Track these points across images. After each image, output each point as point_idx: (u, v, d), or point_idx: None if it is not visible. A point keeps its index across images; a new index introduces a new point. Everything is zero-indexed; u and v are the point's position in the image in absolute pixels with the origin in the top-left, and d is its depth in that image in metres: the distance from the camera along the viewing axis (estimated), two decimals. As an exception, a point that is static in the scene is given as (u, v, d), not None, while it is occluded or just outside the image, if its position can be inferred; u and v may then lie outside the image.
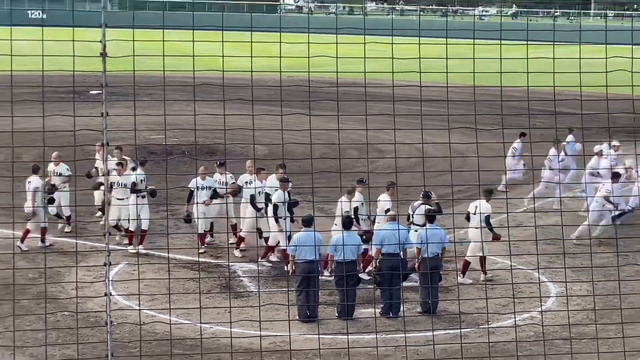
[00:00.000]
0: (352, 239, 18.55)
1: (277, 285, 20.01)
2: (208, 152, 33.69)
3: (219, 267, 21.38)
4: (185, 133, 31.37)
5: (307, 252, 18.16)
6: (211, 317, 17.33)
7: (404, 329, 16.56)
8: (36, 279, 19.75)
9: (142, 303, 18.19)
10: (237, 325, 16.19)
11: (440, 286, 19.23)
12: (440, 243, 18.89)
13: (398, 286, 18.37)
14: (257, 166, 22.61)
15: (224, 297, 19.09)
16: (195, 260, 21.18)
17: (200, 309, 15.69)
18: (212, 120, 16.10)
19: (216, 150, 33.25)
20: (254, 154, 27.90)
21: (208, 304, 18.19)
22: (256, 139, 27.61)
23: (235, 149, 33.19)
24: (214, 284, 20.37)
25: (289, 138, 25.43)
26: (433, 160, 27.18)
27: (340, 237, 18.35)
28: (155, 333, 16.74)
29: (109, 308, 11.49)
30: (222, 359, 15.94)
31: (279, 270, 21.10)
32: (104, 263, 11.89)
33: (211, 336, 16.78)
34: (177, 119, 15.18)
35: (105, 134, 10.79)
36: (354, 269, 18.49)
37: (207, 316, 17.17)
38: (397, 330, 17.09)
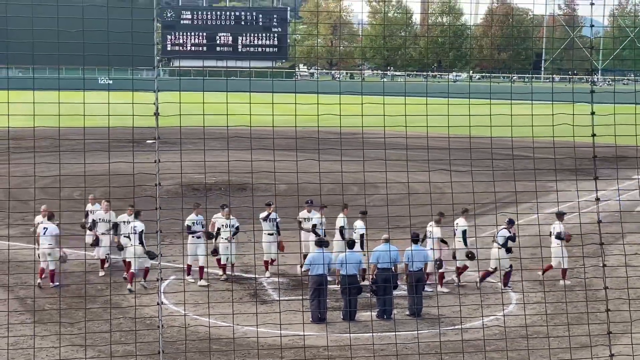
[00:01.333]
0: (354, 257, 18.50)
1: (294, 294, 19.93)
2: (239, 189, 33.72)
3: (249, 280, 21.33)
4: (221, 173, 31.40)
5: (318, 268, 18.16)
6: (242, 320, 17.25)
7: (395, 329, 16.52)
8: (103, 290, 19.73)
9: (187, 309, 18.18)
10: (262, 326, 16.16)
11: (424, 294, 19.14)
12: (423, 260, 18.89)
13: (390, 294, 18.34)
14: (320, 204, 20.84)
15: (253, 303, 19.03)
16: (229, 274, 21.25)
17: (232, 314, 15.65)
18: (242, 164, 16.13)
19: (246, 187, 33.27)
20: (275, 190, 27.83)
21: (240, 309, 18.13)
22: (277, 178, 27.61)
23: (261, 186, 33.20)
24: (244, 293, 20.31)
25: (303, 177, 25.44)
26: (417, 194, 27.17)
27: (345, 255, 18.34)
28: (197, 333, 16.69)
29: (161, 314, 11.45)
30: (250, 353, 15.86)
31: (296, 282, 21.03)
32: (156, 278, 11.86)
33: (242, 335, 16.71)
34: (214, 162, 15.20)
35: (158, 176, 10.80)
36: (355, 281, 18.42)
37: (238, 319, 17.11)
38: (389, 329, 17.02)
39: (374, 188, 32.57)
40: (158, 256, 11.27)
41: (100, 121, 14.41)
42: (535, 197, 25.99)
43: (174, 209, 21.33)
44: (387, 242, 18.71)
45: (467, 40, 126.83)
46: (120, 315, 18.10)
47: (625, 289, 18.96)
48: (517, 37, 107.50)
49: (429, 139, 13.43)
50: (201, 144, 13.94)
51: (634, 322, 16.49)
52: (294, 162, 13.85)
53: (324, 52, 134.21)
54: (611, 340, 12.53)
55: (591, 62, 40.83)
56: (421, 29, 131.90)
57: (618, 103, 13.36)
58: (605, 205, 28.62)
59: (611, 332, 12.20)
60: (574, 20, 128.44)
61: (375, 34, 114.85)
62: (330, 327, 17.47)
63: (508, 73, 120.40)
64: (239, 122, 14.77)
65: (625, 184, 33.37)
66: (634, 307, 18.03)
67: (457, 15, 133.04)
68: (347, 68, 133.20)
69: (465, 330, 16.86)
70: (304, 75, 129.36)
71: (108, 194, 22.64)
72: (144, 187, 23.41)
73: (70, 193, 30.92)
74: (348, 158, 30.24)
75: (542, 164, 28.25)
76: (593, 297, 18.82)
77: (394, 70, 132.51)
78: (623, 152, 35.50)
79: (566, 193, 25.52)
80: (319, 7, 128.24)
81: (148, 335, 16.18)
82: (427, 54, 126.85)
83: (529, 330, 16.44)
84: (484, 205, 28.75)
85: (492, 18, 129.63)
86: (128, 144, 34.50)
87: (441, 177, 16.82)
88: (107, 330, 16.18)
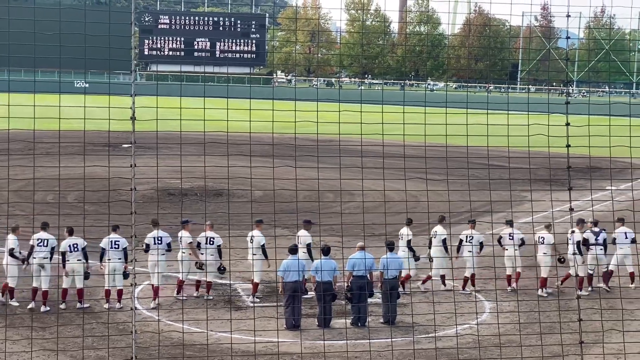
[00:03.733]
0: (328, 264, 18.49)
1: (269, 301, 19.88)
2: (216, 194, 33.63)
3: (223, 286, 21.24)
4: (197, 179, 31.31)
5: (293, 275, 18.13)
6: (216, 326, 17.19)
7: (369, 337, 16.53)
8: (75, 295, 19.53)
9: (161, 314, 18.09)
10: (236, 332, 16.12)
11: (398, 302, 19.16)
12: (397, 268, 18.93)
13: (365, 302, 18.35)
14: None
15: (227, 309, 18.96)
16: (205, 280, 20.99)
17: (207, 320, 15.59)
18: (218, 169, 16.06)
19: (222, 192, 33.19)
20: (250, 196, 27.80)
21: (214, 315, 18.06)
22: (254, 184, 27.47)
23: (237, 192, 33.14)
24: (218, 299, 20.22)
25: (279, 183, 25.39)
26: (393, 202, 27.27)
27: (320, 262, 18.33)
28: (171, 338, 16.60)
29: (134, 319, 11.38)
30: (224, 359, 15.80)
31: (271, 288, 20.97)
32: (130, 283, 11.80)
33: (216, 341, 16.63)
34: (191, 167, 15.16)
35: (133, 181, 10.75)
36: (331, 288, 18.40)
37: (212, 325, 17.04)
38: (364, 337, 17.02)
39: (350, 195, 32.62)
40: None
41: (76, 125, 14.31)
42: (510, 206, 26.15)
43: (148, 214, 21.27)
44: (362, 249, 18.71)
45: (444, 49, 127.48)
46: (93, 320, 17.96)
47: (598, 299, 19.14)
48: (494, 48, 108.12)
49: (406, 147, 13.48)
50: (178, 149, 13.90)
51: (606, 332, 16.62)
52: (270, 169, 13.84)
53: (302, 59, 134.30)
54: (583, 350, 12.62)
55: (566, 73, 41.15)
56: (399, 37, 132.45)
57: (592, 114, 13.48)
58: (579, 216, 28.83)
59: (583, 341, 12.28)
60: (549, 31, 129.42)
61: (353, 42, 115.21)
62: (305, 334, 17.44)
63: (484, 83, 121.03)
64: (216, 128, 14.74)
65: (599, 195, 33.62)
66: (605, 317, 18.18)
67: (434, 25, 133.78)
68: (325, 75, 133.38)
69: (439, 339, 16.90)
70: (281, 82, 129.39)
71: (83, 198, 22.48)
72: (119, 192, 23.31)
73: (44, 197, 30.72)
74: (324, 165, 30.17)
75: (517, 174, 28.49)
76: (566, 306, 18.97)
77: (371, 79, 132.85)
78: (597, 163, 35.88)
79: (540, 203, 25.68)
80: (297, 14, 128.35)
81: (121, 340, 16.06)
82: (405, 63, 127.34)
83: (502, 339, 16.50)
84: (459, 214, 28.84)
85: (470, 28, 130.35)
86: (104, 148, 34.36)
87: (417, 186, 16.88)
88: (80, 335, 16.05)
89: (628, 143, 14.22)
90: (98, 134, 16.43)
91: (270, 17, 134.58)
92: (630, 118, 13.83)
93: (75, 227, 18.98)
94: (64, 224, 18.70)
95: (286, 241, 21.38)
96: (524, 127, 12.60)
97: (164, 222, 21.84)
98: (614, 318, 17.99)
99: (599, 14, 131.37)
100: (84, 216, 21.58)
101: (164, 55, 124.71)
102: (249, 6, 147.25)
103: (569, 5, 11.42)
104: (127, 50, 11.43)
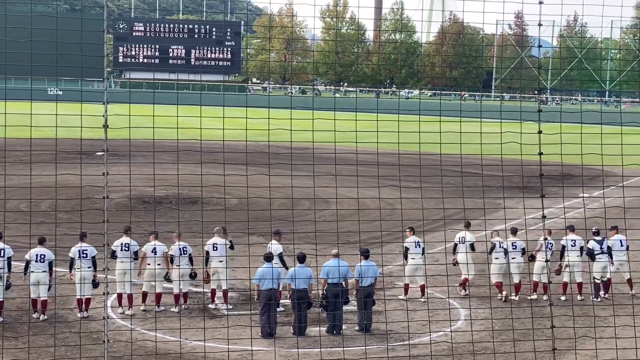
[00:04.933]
0: (304, 271, 18.47)
1: (244, 309, 19.81)
2: (190, 202, 33.52)
3: (198, 294, 21.14)
4: (172, 187, 31.20)
5: (268, 283, 18.09)
6: (191, 334, 17.10)
7: (343, 344, 16.52)
8: (49, 304, 19.37)
9: (135, 323, 17.97)
10: (211, 341, 16.05)
11: (373, 310, 19.17)
12: (373, 276, 18.93)
13: (340, 310, 18.34)
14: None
15: (201, 318, 18.86)
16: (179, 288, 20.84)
17: (180, 328, 15.51)
18: (193, 177, 16.03)
19: (197, 200, 33.08)
20: (224, 204, 27.73)
21: (188, 324, 17.98)
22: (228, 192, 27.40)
23: (212, 200, 33.05)
24: (193, 307, 20.11)
25: (254, 191, 25.33)
26: (368, 209, 27.30)
27: (295, 270, 18.31)
28: (145, 347, 16.48)
29: (107, 328, 11.30)
30: (198, 368, 15.72)
31: (245, 297, 20.91)
32: (102, 292, 11.72)
33: (190, 350, 16.55)
34: (165, 175, 15.10)
35: (106, 189, 10.69)
36: (306, 295, 18.38)
37: (187, 333, 16.95)
38: (339, 345, 17.00)
39: (325, 203, 32.66)
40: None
41: (49, 132, 14.21)
42: (483, 213, 26.26)
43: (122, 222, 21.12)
44: (336, 257, 18.72)
45: (419, 57, 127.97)
46: (66, 330, 17.80)
47: (571, 306, 19.26)
48: (468, 56, 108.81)
49: (380, 155, 13.52)
50: (152, 156, 13.85)
51: (579, 339, 16.74)
52: (244, 176, 13.82)
53: (277, 67, 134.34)
54: (556, 356, 12.70)
55: (538, 81, 41.46)
56: (374, 45, 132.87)
57: (565, 122, 13.58)
58: (553, 223, 29.04)
59: (556, 348, 12.36)
60: (521, 40, 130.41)
61: (328, 50, 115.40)
62: (280, 342, 17.40)
63: (459, 91, 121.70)
64: (190, 136, 14.70)
65: (572, 202, 33.88)
66: (578, 323, 18.32)
67: (409, 33, 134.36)
68: (300, 83, 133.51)
69: (414, 346, 16.93)
70: (256, 89, 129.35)
71: (55, 206, 22.30)
72: (93, 200, 23.16)
73: (18, 205, 30.46)
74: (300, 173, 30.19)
75: (490, 181, 28.63)
76: (539, 313, 19.07)
77: (347, 86, 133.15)
78: (570, 170, 36.16)
79: (514, 210, 25.82)
80: (272, 21, 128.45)
81: (94, 350, 15.93)
82: (380, 71, 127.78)
83: (477, 346, 16.56)
84: (434, 221, 28.96)
85: (444, 36, 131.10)
86: (78, 156, 34.12)
87: (392, 193, 16.91)
88: (52, 345, 15.90)
89: (600, 150, 14.33)
90: (71, 142, 16.32)
91: (245, 25, 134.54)
92: (602, 126, 13.95)
93: (48, 235, 18.83)
94: (37, 233, 18.56)
95: (261, 249, 21.34)
96: (497, 135, 12.68)
97: (139, 229, 21.73)
98: (587, 325, 18.13)
99: (571, 22, 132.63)
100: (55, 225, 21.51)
101: (139, 62, 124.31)
102: (224, 14, 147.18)
103: (541, 14, 11.52)
104: (100, 57, 11.38)
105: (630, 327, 15.40)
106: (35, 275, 18.59)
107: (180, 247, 19.84)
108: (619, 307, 19.34)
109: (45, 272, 18.56)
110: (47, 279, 18.54)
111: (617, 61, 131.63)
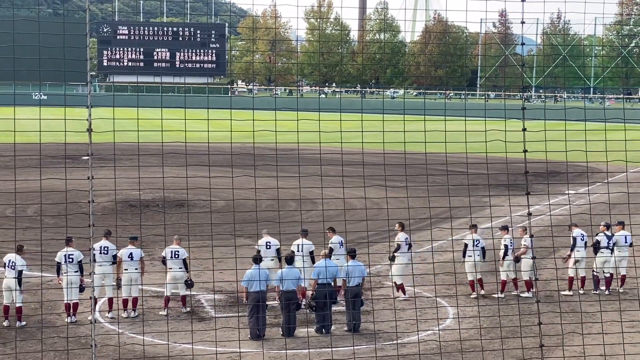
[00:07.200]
0: (292, 272, 18.46)
1: (232, 311, 19.78)
2: (177, 205, 33.45)
3: (186, 297, 21.06)
4: (158, 190, 31.12)
5: (256, 285, 18.05)
6: (179, 337, 17.07)
7: (331, 345, 16.51)
8: (37, 309, 19.30)
9: (123, 327, 17.92)
10: (200, 344, 16.02)
11: (362, 310, 19.19)
12: (360, 276, 18.95)
13: (329, 310, 18.35)
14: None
15: (190, 321, 18.81)
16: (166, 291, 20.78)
17: (168, 332, 15.48)
18: (179, 180, 16.02)
19: (183, 203, 33.02)
20: (210, 206, 27.69)
21: (177, 327, 17.93)
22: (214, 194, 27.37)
23: (198, 202, 33.00)
24: (181, 310, 20.05)
25: (240, 193, 25.32)
26: (355, 209, 27.32)
27: (284, 271, 18.31)
28: (134, 351, 16.44)
29: (94, 333, 11.27)
30: (187, 371, 15.69)
31: (234, 299, 20.88)
32: (89, 297, 11.68)
33: (179, 353, 16.51)
34: (151, 178, 15.07)
35: (91, 193, 10.65)
36: (295, 297, 18.37)
37: (175, 337, 16.92)
38: (328, 345, 16.99)
39: (312, 204, 32.66)
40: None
41: (34, 137, 14.17)
42: (469, 212, 26.33)
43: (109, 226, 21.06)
44: (325, 257, 18.72)
45: (404, 57, 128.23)
46: (54, 335, 17.74)
47: (557, 302, 19.35)
48: (453, 55, 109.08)
49: (366, 155, 13.54)
50: (137, 160, 13.82)
51: (567, 335, 16.82)
52: (230, 178, 13.81)
53: (262, 68, 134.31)
54: (544, 353, 12.74)
55: (522, 79, 41.65)
56: (358, 45, 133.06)
57: (549, 119, 13.64)
58: (540, 220, 29.16)
59: (543, 345, 12.40)
60: (505, 38, 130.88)
61: (313, 51, 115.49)
62: (269, 344, 17.38)
63: (444, 90, 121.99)
64: (176, 138, 14.69)
65: (557, 199, 34.03)
66: (567, 320, 18.39)
67: (394, 33, 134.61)
68: (285, 84, 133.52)
69: (403, 345, 16.96)
70: (241, 91, 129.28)
71: (40, 211, 22.19)
72: (79, 204, 23.07)
73: (3, 210, 30.33)
74: (286, 174, 30.19)
75: (477, 180, 28.71)
76: (527, 310, 19.13)
77: (333, 87, 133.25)
78: (555, 167, 36.30)
79: (500, 208, 25.95)
80: (257, 23, 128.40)
81: (82, 354, 15.89)
82: (365, 71, 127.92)
83: (465, 344, 16.60)
84: (421, 220, 29.02)
85: (429, 36, 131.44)
86: (63, 161, 33.99)
87: (378, 193, 16.95)
88: (40, 350, 15.84)
89: (585, 147, 14.40)
90: (56, 147, 16.29)
91: (229, 27, 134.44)
92: (586, 122, 14.01)
93: (34, 240, 18.75)
94: (22, 238, 18.49)
95: (249, 251, 21.33)
96: (483, 133, 12.72)
97: (126, 233, 21.65)
98: (575, 321, 18.20)
99: (555, 20, 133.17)
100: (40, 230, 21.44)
101: (123, 66, 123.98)
102: (209, 16, 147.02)
103: (524, 12, 11.57)
104: (83, 61, 11.35)
105: (617, 323, 15.47)
106: (6, 281, 18.50)
107: (172, 251, 19.74)
108: (607, 303, 19.44)
109: (15, 279, 18.45)
110: (16, 285, 18.43)
111: (601, 58, 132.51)
